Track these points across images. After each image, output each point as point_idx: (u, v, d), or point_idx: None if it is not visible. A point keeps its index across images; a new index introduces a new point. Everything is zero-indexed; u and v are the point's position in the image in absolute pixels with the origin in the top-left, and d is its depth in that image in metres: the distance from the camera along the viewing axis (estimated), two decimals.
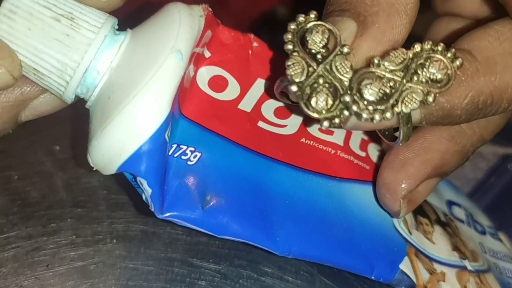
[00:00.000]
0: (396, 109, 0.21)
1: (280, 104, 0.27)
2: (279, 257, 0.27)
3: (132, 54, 0.23)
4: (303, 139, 0.27)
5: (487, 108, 0.23)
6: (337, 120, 0.21)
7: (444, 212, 0.32)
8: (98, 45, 0.22)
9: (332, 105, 0.21)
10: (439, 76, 0.21)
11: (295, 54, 0.21)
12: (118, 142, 0.22)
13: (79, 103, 0.24)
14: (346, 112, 0.21)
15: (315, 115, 0.21)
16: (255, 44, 0.28)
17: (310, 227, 0.25)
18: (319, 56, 0.21)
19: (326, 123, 0.21)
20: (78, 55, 0.22)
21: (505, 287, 0.30)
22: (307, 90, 0.21)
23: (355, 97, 0.21)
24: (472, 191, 0.39)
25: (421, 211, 0.30)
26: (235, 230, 0.24)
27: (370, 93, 0.21)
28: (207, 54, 0.26)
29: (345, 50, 0.21)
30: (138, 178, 0.22)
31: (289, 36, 0.21)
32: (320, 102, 0.21)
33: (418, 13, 0.23)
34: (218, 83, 0.26)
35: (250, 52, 0.28)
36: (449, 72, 0.21)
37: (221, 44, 0.27)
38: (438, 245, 0.29)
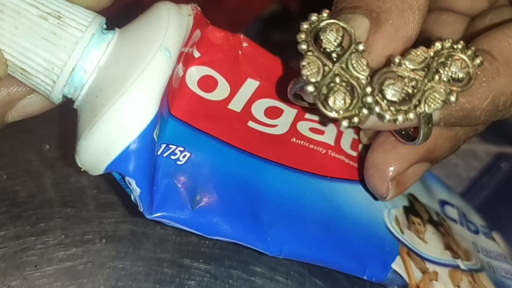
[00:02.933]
0: (419, 110, 0.20)
1: (270, 104, 0.27)
2: (269, 258, 0.27)
3: (120, 52, 0.22)
4: (293, 139, 0.27)
5: (506, 110, 0.23)
6: (356, 119, 0.20)
7: (437, 211, 0.32)
8: (85, 43, 0.22)
9: (350, 104, 0.20)
10: (460, 75, 0.21)
11: (310, 53, 0.21)
12: (106, 141, 0.21)
13: (68, 102, 0.24)
14: (365, 111, 0.20)
15: (333, 114, 0.20)
16: (245, 44, 0.28)
17: (301, 226, 0.25)
18: (334, 55, 0.21)
19: (345, 123, 0.20)
20: (65, 54, 0.22)
21: (498, 286, 0.30)
22: (324, 90, 0.20)
23: (377, 98, 0.20)
24: (465, 190, 0.38)
25: (413, 211, 0.30)
26: (225, 231, 0.24)
27: (392, 93, 0.20)
28: (197, 54, 0.26)
29: (361, 47, 0.21)
30: (127, 178, 0.22)
31: (303, 35, 0.21)
32: (338, 101, 0.20)
33: None
34: (207, 83, 0.26)
35: (240, 52, 0.27)
36: (470, 70, 0.21)
37: (210, 45, 0.27)
38: (430, 245, 0.29)
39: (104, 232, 0.27)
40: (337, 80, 0.20)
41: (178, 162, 0.24)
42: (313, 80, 0.20)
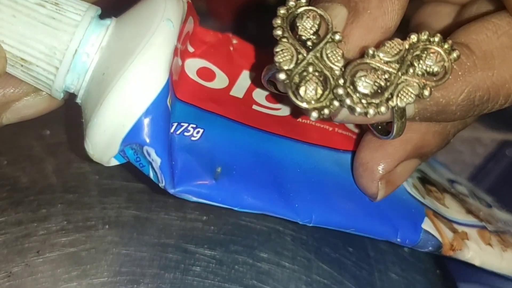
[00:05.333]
0: (391, 103, 0.20)
1: (269, 92, 0.27)
2: (275, 243, 0.27)
3: (121, 31, 0.22)
4: (299, 119, 0.27)
5: (483, 105, 0.22)
6: (326, 111, 0.20)
7: (448, 186, 0.32)
8: (85, 26, 0.22)
9: (322, 95, 0.20)
10: (435, 69, 0.20)
11: (284, 40, 0.20)
12: (119, 112, 0.21)
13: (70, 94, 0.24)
14: (336, 103, 0.20)
15: (303, 105, 0.20)
16: (234, 41, 0.28)
17: (326, 194, 0.25)
18: (309, 43, 0.20)
19: (315, 114, 0.20)
20: (67, 36, 0.21)
21: None
22: (296, 79, 0.20)
23: (349, 90, 0.20)
24: (470, 177, 0.38)
25: (428, 181, 0.30)
26: (252, 201, 0.23)
27: (364, 85, 0.20)
28: (191, 49, 0.26)
29: (337, 37, 0.20)
30: (145, 148, 0.22)
31: (278, 21, 0.21)
32: (309, 91, 0.20)
33: None
34: (206, 74, 0.26)
35: (231, 48, 0.28)
36: (445, 64, 0.20)
37: (202, 42, 0.27)
38: (452, 209, 0.28)
39: (107, 217, 0.27)
40: (310, 69, 0.20)
41: (193, 138, 0.23)
42: (285, 67, 0.20)
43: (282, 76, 0.20)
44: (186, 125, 0.23)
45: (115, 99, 0.21)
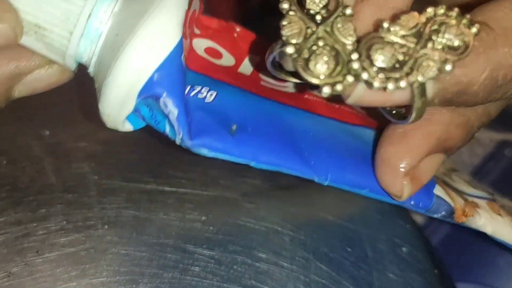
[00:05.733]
0: (412, 78, 0.19)
1: None
2: (273, 243, 0.27)
3: None
4: (306, 96, 0.27)
5: (507, 85, 0.21)
6: (339, 87, 0.19)
7: (450, 171, 0.32)
8: None
9: (333, 70, 0.19)
10: (456, 43, 0.19)
11: (292, 13, 0.19)
12: (135, 66, 0.21)
13: (70, 85, 0.24)
14: (349, 78, 0.19)
15: (314, 80, 0.19)
16: (238, 29, 0.28)
17: (340, 155, 0.25)
18: (318, 17, 0.20)
19: (326, 89, 0.19)
20: (80, 1, 0.22)
21: None
22: (305, 53, 0.19)
23: (364, 64, 0.19)
24: (469, 177, 0.38)
25: None
26: (268, 157, 0.23)
27: (381, 59, 0.19)
28: (197, 31, 0.26)
29: (348, 11, 0.20)
30: (162, 100, 0.21)
31: None
32: (321, 66, 0.19)
33: None
34: (213, 53, 0.27)
35: (235, 34, 0.28)
36: (466, 39, 0.19)
37: (207, 28, 0.27)
38: (459, 184, 0.29)
39: (106, 217, 0.27)
40: (321, 43, 0.19)
41: (206, 100, 0.23)
42: (293, 41, 0.19)
43: (290, 49, 0.19)
44: (199, 88, 0.24)
45: (130, 55, 0.21)
